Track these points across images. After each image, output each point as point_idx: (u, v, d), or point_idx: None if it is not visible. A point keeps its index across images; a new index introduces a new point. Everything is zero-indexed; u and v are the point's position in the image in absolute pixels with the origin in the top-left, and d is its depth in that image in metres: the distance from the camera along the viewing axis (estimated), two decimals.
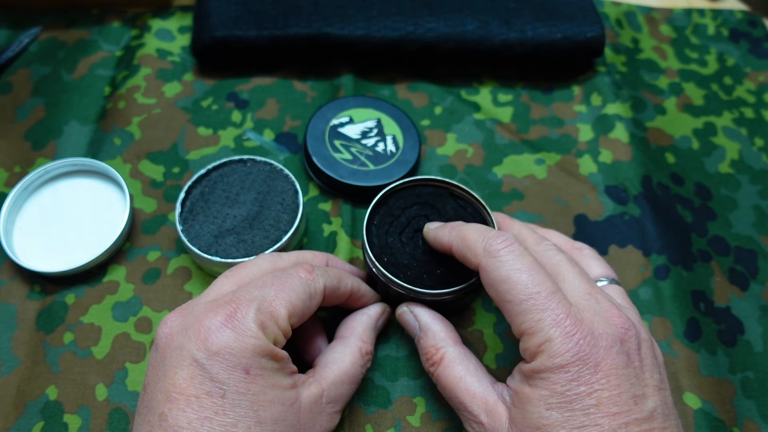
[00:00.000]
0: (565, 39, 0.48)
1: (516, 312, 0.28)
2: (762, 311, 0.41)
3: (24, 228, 0.41)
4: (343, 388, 0.31)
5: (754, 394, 0.38)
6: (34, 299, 0.39)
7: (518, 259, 0.29)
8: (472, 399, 0.30)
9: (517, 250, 0.29)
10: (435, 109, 0.49)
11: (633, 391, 0.26)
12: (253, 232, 0.38)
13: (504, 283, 0.28)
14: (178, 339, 0.27)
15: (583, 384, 0.26)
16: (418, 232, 0.36)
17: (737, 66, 0.55)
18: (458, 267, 0.34)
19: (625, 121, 0.48)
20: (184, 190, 0.40)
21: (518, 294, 0.28)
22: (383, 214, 0.37)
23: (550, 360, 0.27)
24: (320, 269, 0.32)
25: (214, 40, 0.47)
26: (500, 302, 0.29)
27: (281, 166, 0.41)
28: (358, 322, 0.35)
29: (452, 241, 0.32)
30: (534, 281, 0.28)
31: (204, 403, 0.25)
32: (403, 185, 0.37)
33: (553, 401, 0.26)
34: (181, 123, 0.47)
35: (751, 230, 0.45)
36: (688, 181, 0.47)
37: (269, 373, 0.27)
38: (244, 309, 0.27)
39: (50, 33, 0.52)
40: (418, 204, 0.37)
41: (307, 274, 0.31)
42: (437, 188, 0.38)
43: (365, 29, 0.47)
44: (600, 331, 0.27)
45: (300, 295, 0.30)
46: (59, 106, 0.47)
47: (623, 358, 0.27)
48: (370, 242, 0.35)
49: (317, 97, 0.49)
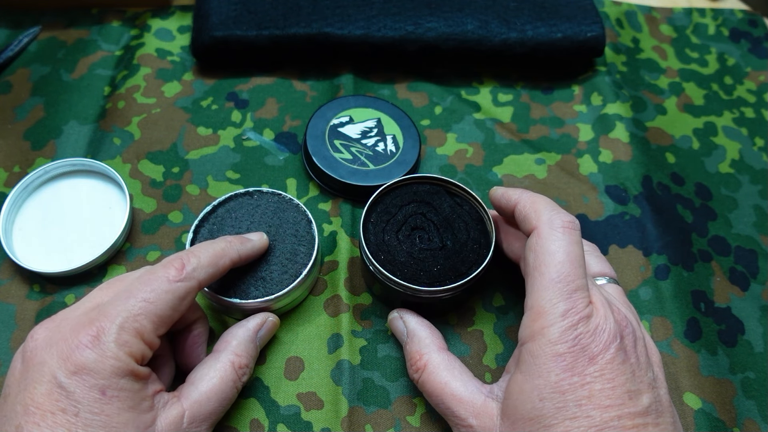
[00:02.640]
0: (565, 39, 0.48)
1: (540, 285, 0.28)
2: (762, 311, 0.41)
3: (23, 228, 0.41)
4: (210, 405, 0.31)
5: (755, 394, 0.38)
6: (34, 299, 0.39)
7: (572, 243, 0.29)
8: (459, 403, 0.30)
9: (575, 236, 0.30)
10: (435, 109, 0.49)
11: (628, 386, 0.27)
12: (270, 268, 0.37)
13: (549, 255, 0.29)
14: (41, 354, 0.27)
15: (577, 375, 0.27)
16: (415, 230, 0.36)
17: (738, 66, 0.55)
18: (455, 265, 0.35)
19: (626, 121, 0.48)
20: (192, 231, 0.37)
21: (555, 271, 0.28)
22: (380, 211, 0.36)
23: (549, 346, 0.27)
24: (193, 261, 0.31)
25: (213, 40, 0.47)
26: (532, 269, 0.29)
27: (290, 196, 0.39)
28: (234, 335, 0.34)
29: (521, 200, 0.32)
30: (573, 267, 0.28)
31: (58, 420, 0.26)
32: (400, 183, 0.37)
33: (546, 391, 0.27)
34: (180, 123, 0.47)
35: (751, 230, 0.45)
36: (689, 181, 0.47)
37: (126, 394, 0.27)
38: (107, 327, 0.27)
39: (50, 33, 0.52)
40: (415, 202, 0.37)
41: (177, 273, 0.30)
42: (434, 186, 0.37)
43: (365, 29, 0.47)
44: (602, 327, 0.28)
45: (168, 302, 0.29)
46: (59, 106, 0.47)
47: (621, 354, 0.27)
48: (366, 240, 0.35)
49: (317, 96, 0.49)
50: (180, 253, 0.31)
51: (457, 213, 0.37)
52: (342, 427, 0.35)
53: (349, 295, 0.40)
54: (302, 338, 0.38)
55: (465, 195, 0.37)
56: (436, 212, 0.37)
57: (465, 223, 0.36)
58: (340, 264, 0.41)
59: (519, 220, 0.32)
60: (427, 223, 0.36)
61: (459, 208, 0.37)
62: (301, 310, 0.39)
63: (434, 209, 0.37)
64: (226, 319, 0.39)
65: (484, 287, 0.40)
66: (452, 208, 0.37)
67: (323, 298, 0.40)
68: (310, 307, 0.39)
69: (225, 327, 0.38)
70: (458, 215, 0.36)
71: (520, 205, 0.32)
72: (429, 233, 0.36)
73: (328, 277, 0.40)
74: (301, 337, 0.38)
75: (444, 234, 0.36)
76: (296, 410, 0.36)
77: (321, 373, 0.37)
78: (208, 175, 0.44)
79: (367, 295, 0.40)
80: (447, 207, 0.37)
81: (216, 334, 0.38)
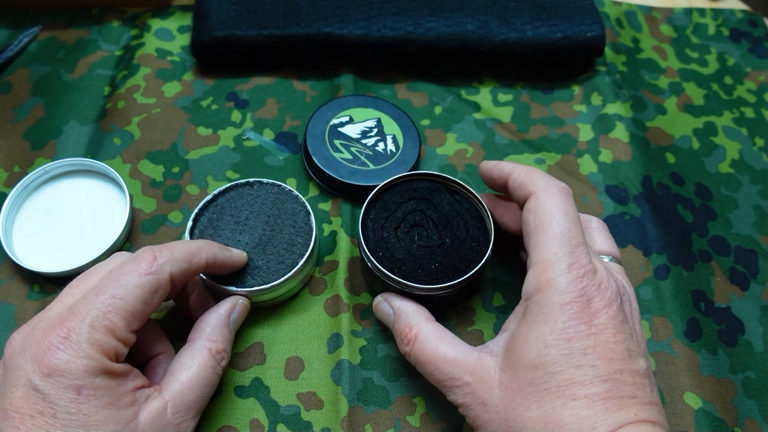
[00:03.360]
0: (565, 39, 0.48)
1: (544, 241, 0.29)
2: (762, 311, 0.41)
3: (23, 228, 0.41)
4: (193, 394, 0.31)
5: (755, 394, 0.38)
6: (34, 299, 0.39)
7: (569, 204, 0.31)
8: (453, 365, 0.30)
9: (570, 199, 0.31)
10: (435, 109, 0.49)
11: (628, 345, 0.27)
12: (267, 258, 0.37)
13: (547, 214, 0.30)
14: (17, 359, 0.27)
15: (584, 323, 0.27)
16: (414, 227, 0.36)
17: (738, 66, 0.55)
18: (454, 262, 0.35)
19: (626, 121, 0.48)
20: (192, 219, 0.38)
21: (555, 227, 0.29)
22: (379, 208, 0.37)
23: (557, 295, 0.28)
24: (165, 254, 0.30)
25: (213, 40, 0.47)
26: (534, 228, 0.30)
27: (289, 188, 0.40)
28: (207, 322, 0.34)
29: (515, 170, 0.33)
30: (573, 225, 0.30)
31: (37, 422, 0.26)
32: (400, 180, 0.37)
33: (552, 338, 0.27)
34: (180, 123, 0.47)
35: (751, 230, 0.45)
36: (689, 181, 0.47)
37: (103, 392, 0.27)
38: (77, 327, 0.27)
39: (50, 32, 0.52)
40: (414, 199, 0.37)
41: (148, 266, 0.29)
42: (434, 183, 0.38)
43: (365, 29, 0.47)
44: (605, 285, 0.28)
45: (139, 296, 0.29)
46: (59, 106, 0.47)
47: (621, 314, 0.28)
48: (365, 236, 0.35)
49: (317, 96, 0.49)
50: (153, 246, 0.31)
51: (456, 210, 0.37)
52: (342, 427, 0.35)
53: (349, 294, 0.40)
54: (302, 338, 0.38)
55: (465, 192, 0.37)
56: (435, 209, 0.37)
57: (464, 221, 0.36)
58: (340, 264, 0.41)
59: (513, 188, 0.33)
60: (426, 221, 0.36)
61: (458, 205, 0.37)
62: (301, 309, 0.39)
63: (433, 206, 0.37)
64: None
65: (483, 287, 0.40)
66: (452, 205, 0.37)
67: (323, 297, 0.40)
68: (310, 306, 0.39)
69: None
70: (457, 212, 0.37)
71: (515, 174, 0.33)
72: (428, 230, 0.36)
73: (328, 277, 0.40)
74: (301, 337, 0.38)
75: (443, 231, 0.36)
76: (296, 410, 0.36)
77: (321, 373, 0.37)
78: (208, 175, 0.44)
79: (366, 295, 0.40)
80: (446, 204, 0.37)
81: None
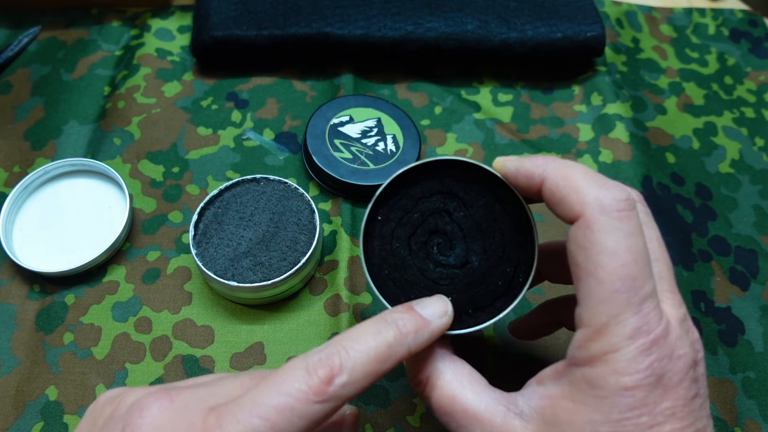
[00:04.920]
0: (565, 39, 0.48)
1: (598, 294, 0.22)
2: (762, 311, 0.41)
3: (24, 228, 0.41)
4: None
5: (756, 394, 0.38)
6: (34, 299, 0.39)
7: (633, 234, 0.22)
8: (473, 421, 0.24)
9: (635, 221, 0.22)
10: (435, 109, 0.49)
11: (696, 426, 0.22)
12: (269, 254, 0.37)
13: (606, 254, 0.22)
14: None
15: (646, 414, 0.21)
16: (434, 235, 0.27)
17: (738, 66, 0.55)
18: (475, 296, 0.27)
19: (626, 121, 0.48)
20: (197, 212, 0.38)
21: (617, 277, 0.22)
22: (392, 206, 0.27)
23: (615, 377, 0.21)
24: (344, 375, 0.23)
25: (213, 40, 0.47)
26: (584, 272, 0.22)
27: (295, 185, 0.40)
28: None
29: (549, 175, 0.24)
30: (641, 270, 0.22)
31: None
32: (424, 166, 0.27)
33: (604, 429, 0.22)
34: (180, 123, 0.47)
35: (751, 230, 0.45)
36: (689, 180, 0.47)
37: None
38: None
39: (49, 33, 0.52)
40: (440, 193, 0.27)
41: (321, 388, 0.22)
42: (467, 171, 0.27)
43: (365, 29, 0.47)
44: (679, 352, 0.22)
45: (295, 426, 0.22)
46: (59, 106, 0.47)
47: (693, 387, 0.22)
48: (368, 246, 0.27)
49: (317, 96, 0.49)
50: (329, 355, 0.23)
51: (493, 215, 0.27)
52: None
53: (349, 294, 0.40)
54: (302, 338, 0.38)
55: (509, 191, 0.27)
56: (465, 210, 0.27)
57: (501, 233, 0.27)
58: (340, 263, 0.41)
59: (552, 203, 0.24)
60: (450, 226, 0.27)
61: (498, 207, 0.27)
62: (301, 309, 0.39)
63: (463, 206, 0.27)
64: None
65: None
66: (488, 207, 0.27)
67: (323, 297, 0.40)
68: (310, 306, 0.39)
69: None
70: (495, 218, 0.27)
71: (550, 183, 0.24)
72: (452, 241, 0.27)
73: (328, 277, 0.40)
74: (301, 336, 0.38)
75: (471, 244, 0.27)
76: None
77: None
78: (208, 175, 0.44)
79: (367, 295, 0.40)
80: (482, 205, 0.27)
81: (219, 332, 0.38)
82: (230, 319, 0.39)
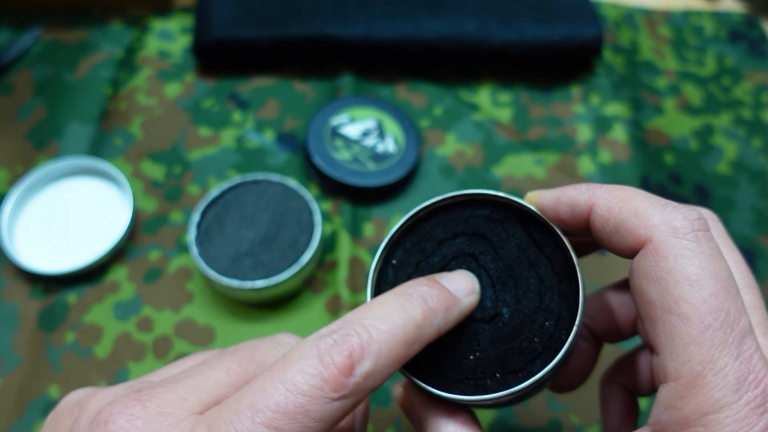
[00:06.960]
0: (564, 40, 0.48)
1: (687, 337, 0.17)
2: None
3: (26, 228, 0.41)
4: None
5: None
6: (36, 299, 0.39)
7: (715, 258, 0.18)
8: None
9: (714, 242, 0.19)
10: (435, 110, 0.49)
11: None
12: (270, 254, 0.38)
13: (688, 284, 0.18)
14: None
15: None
16: None
17: (735, 67, 0.55)
18: (506, 354, 0.22)
19: (624, 122, 0.49)
20: (199, 213, 0.39)
21: (706, 311, 0.17)
22: (409, 248, 0.24)
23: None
24: (366, 364, 0.18)
25: (214, 41, 0.47)
26: (662, 311, 0.18)
27: (296, 186, 0.40)
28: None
29: (599, 202, 0.20)
30: (732, 301, 0.18)
31: None
32: (447, 202, 0.24)
33: None
34: (182, 123, 0.47)
35: (749, 230, 0.45)
36: (687, 181, 0.47)
37: None
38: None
39: (52, 34, 0.52)
40: (464, 235, 0.24)
41: (340, 380, 0.18)
42: (498, 210, 0.24)
43: (365, 30, 0.47)
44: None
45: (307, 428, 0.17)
46: (61, 107, 0.47)
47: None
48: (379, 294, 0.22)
49: (318, 97, 0.49)
50: (346, 337, 0.18)
51: (529, 258, 0.23)
52: None
53: (349, 293, 0.40)
54: (303, 337, 0.38)
55: (547, 228, 0.23)
56: (495, 254, 0.23)
57: (538, 279, 0.22)
58: (341, 263, 0.41)
59: (605, 233, 0.20)
60: (478, 271, 0.23)
61: (534, 250, 0.23)
62: (301, 309, 0.39)
63: (493, 249, 0.23)
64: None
65: None
66: (522, 250, 0.23)
67: (324, 296, 0.40)
68: (310, 306, 0.40)
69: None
70: (530, 263, 0.23)
71: (602, 209, 0.20)
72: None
73: (329, 276, 0.41)
74: (302, 336, 0.38)
75: (500, 293, 0.23)
76: None
77: None
78: (210, 176, 0.44)
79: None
80: (514, 247, 0.23)
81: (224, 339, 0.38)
82: (231, 318, 0.39)
